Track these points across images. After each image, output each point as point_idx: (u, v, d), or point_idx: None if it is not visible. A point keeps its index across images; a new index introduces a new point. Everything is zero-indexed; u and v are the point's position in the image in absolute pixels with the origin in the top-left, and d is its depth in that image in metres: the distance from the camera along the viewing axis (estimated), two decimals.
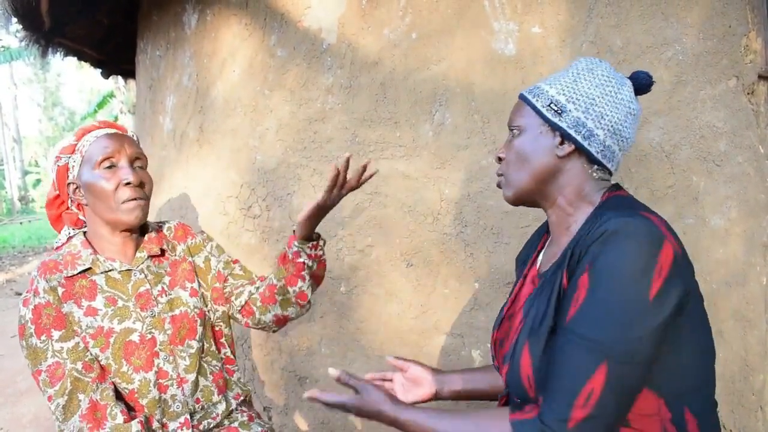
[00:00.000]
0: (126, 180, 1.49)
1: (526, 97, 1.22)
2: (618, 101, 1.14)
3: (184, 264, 1.68)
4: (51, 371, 1.42)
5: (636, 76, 1.20)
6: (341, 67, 2.22)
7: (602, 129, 1.14)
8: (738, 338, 1.97)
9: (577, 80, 1.16)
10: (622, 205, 1.10)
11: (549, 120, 1.16)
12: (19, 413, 3.92)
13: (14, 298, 7.67)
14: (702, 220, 1.94)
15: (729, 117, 1.94)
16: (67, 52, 4.31)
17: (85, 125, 1.57)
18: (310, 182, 2.31)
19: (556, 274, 1.12)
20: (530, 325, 1.12)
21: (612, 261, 0.97)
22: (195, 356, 1.61)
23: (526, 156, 1.20)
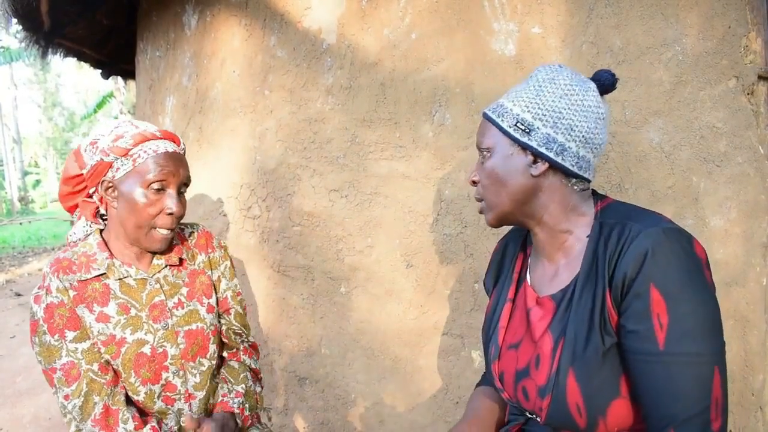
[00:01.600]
0: (170, 210, 1.45)
1: (490, 117, 1.18)
2: (585, 109, 1.11)
3: (202, 276, 1.65)
4: (66, 370, 1.41)
5: (599, 77, 1.16)
6: (341, 67, 2.22)
7: (574, 141, 1.11)
8: (738, 338, 1.97)
9: (540, 94, 1.12)
10: (629, 213, 1.11)
11: (518, 140, 1.13)
12: (19, 414, 3.93)
13: (14, 299, 7.67)
14: (702, 220, 1.94)
15: (729, 117, 1.93)
16: (66, 52, 4.32)
17: (145, 131, 1.45)
18: (309, 183, 2.31)
19: (585, 294, 1.10)
20: (572, 350, 1.08)
21: (676, 274, 0.98)
22: (206, 374, 1.60)
23: (500, 179, 1.17)
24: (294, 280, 2.41)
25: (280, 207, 2.39)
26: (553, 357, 1.12)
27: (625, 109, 1.93)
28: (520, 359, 1.22)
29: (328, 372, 2.40)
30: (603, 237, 1.09)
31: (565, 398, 1.08)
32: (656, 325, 0.99)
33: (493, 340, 1.31)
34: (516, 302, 1.31)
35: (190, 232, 1.68)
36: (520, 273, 1.34)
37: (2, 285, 8.80)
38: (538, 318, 1.21)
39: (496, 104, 1.19)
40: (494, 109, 1.18)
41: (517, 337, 1.26)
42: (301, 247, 2.36)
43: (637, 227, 1.03)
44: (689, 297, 0.98)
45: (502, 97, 1.20)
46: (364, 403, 2.35)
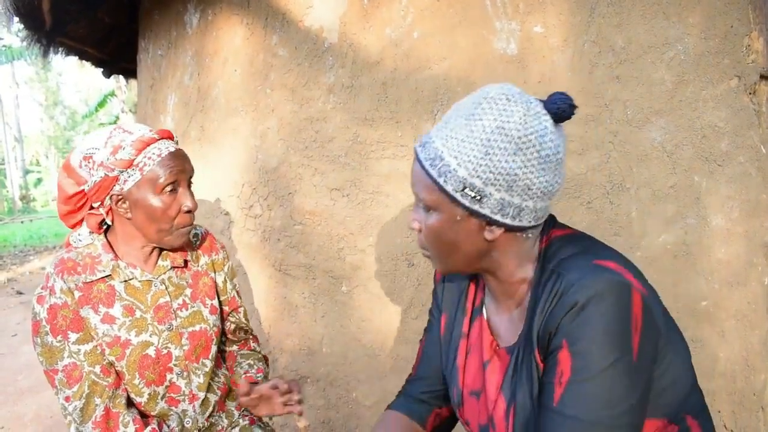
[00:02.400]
0: (187, 208, 1.45)
1: (428, 172, 0.98)
2: (543, 162, 0.95)
3: (206, 278, 1.65)
4: (68, 372, 1.40)
5: (555, 109, 0.96)
6: (343, 66, 2.22)
7: (532, 199, 0.96)
8: (739, 338, 1.97)
9: (489, 152, 0.93)
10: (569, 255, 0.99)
11: (467, 207, 0.96)
12: (20, 412, 3.93)
13: (15, 297, 7.67)
14: (704, 220, 1.94)
15: (731, 117, 1.93)
16: (68, 51, 4.32)
17: (143, 136, 1.43)
18: (311, 182, 2.31)
19: (526, 355, 1.02)
20: (523, 418, 1.01)
21: (591, 334, 0.89)
22: (208, 375, 1.61)
23: (449, 242, 1.02)
24: (295, 278, 2.41)
25: (281, 206, 2.39)
26: (507, 423, 1.06)
27: (626, 109, 1.93)
28: (481, 413, 1.15)
29: (329, 371, 2.40)
30: (540, 286, 1.00)
31: None
32: (557, 380, 0.92)
33: (454, 383, 1.22)
34: (471, 340, 1.20)
35: (194, 233, 1.68)
36: (474, 305, 1.22)
37: (4, 283, 8.80)
38: (494, 373, 1.12)
39: (432, 152, 0.98)
40: (432, 162, 0.97)
41: (477, 383, 1.17)
42: (303, 246, 2.36)
43: (569, 279, 0.93)
44: (597, 362, 0.88)
45: (437, 139, 0.98)
46: (366, 402, 2.35)
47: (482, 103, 0.95)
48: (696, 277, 1.95)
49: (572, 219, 1.98)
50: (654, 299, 0.98)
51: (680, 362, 1.01)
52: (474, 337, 1.20)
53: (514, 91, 0.97)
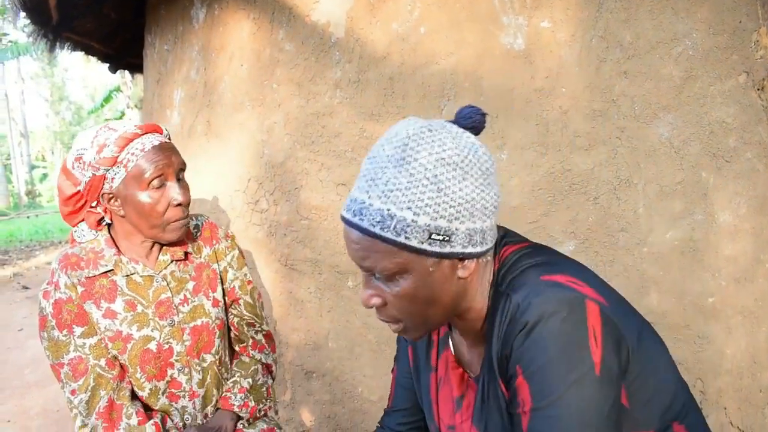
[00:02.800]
0: (176, 201, 1.43)
1: (384, 237, 0.87)
2: (487, 176, 0.90)
3: (208, 270, 1.64)
4: (73, 365, 1.41)
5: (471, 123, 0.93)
6: (349, 61, 2.21)
7: (489, 218, 0.91)
8: (746, 335, 1.96)
9: (442, 188, 0.85)
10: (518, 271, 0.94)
11: (436, 253, 0.88)
12: (26, 405, 3.96)
13: (21, 292, 7.71)
14: (711, 216, 1.93)
15: (739, 113, 1.93)
16: (74, 46, 4.33)
17: (125, 132, 1.41)
18: (317, 176, 2.31)
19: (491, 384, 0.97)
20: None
21: (545, 355, 0.84)
22: (207, 371, 1.60)
23: (425, 299, 0.93)
24: (301, 273, 2.42)
25: (287, 201, 2.39)
26: None
27: (634, 104, 1.92)
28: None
29: (335, 366, 2.41)
30: (494, 311, 0.95)
31: None
32: (521, 409, 0.87)
33: (430, 418, 1.18)
34: (439, 372, 1.15)
35: (195, 224, 1.67)
36: (439, 335, 1.17)
37: (10, 278, 8.84)
38: (465, 407, 1.08)
39: (377, 215, 0.87)
40: (382, 224, 0.87)
41: (450, 418, 1.13)
42: (309, 241, 2.36)
43: (516, 299, 0.89)
44: (556, 384, 0.83)
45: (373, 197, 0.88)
46: (371, 397, 2.35)
47: (408, 144, 0.87)
48: (703, 274, 1.94)
49: (579, 215, 1.98)
50: (617, 308, 0.93)
51: (660, 370, 0.97)
52: (441, 371, 1.15)
53: (423, 122, 0.91)
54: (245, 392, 1.63)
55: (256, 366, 1.71)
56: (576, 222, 1.99)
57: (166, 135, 1.51)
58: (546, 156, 1.99)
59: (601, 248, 1.98)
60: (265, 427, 1.67)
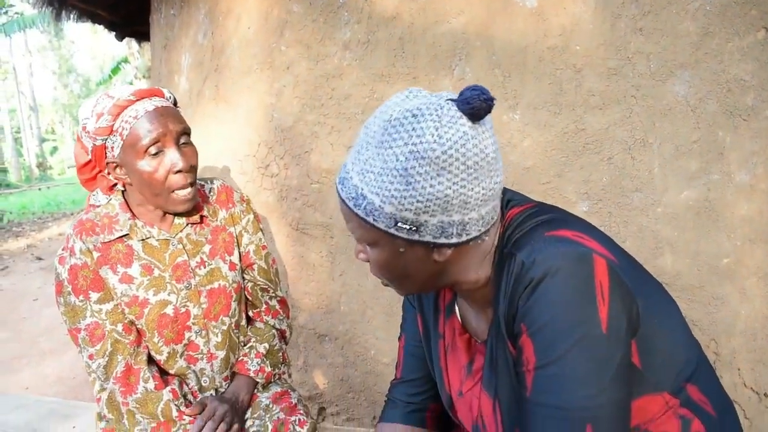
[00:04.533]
0: (176, 168, 1.39)
1: (355, 212, 0.89)
2: (473, 170, 0.84)
3: (224, 233, 1.62)
4: (90, 330, 1.42)
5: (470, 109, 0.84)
6: (358, 21, 2.18)
7: (473, 209, 0.86)
8: (760, 295, 1.95)
9: (411, 182, 0.83)
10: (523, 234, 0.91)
11: (405, 239, 0.88)
12: (43, 373, 4.02)
13: (35, 263, 7.80)
14: (727, 175, 1.90)
15: (757, 70, 1.88)
16: (80, 14, 4.29)
17: (119, 100, 1.37)
18: (327, 140, 2.29)
19: (499, 347, 0.96)
20: (509, 409, 0.96)
21: (549, 311, 0.82)
22: (226, 333, 1.60)
23: (399, 272, 0.95)
24: (313, 237, 2.41)
25: (298, 164, 2.38)
26: (496, 420, 1.00)
27: (650, 62, 1.88)
28: (472, 410, 1.10)
29: (347, 329, 2.42)
30: (500, 271, 0.93)
31: None
32: (525, 368, 0.85)
33: (440, 385, 1.17)
34: (446, 340, 1.15)
35: (210, 188, 1.65)
36: (446, 302, 1.16)
37: (24, 249, 8.94)
38: (475, 372, 1.07)
39: (353, 191, 0.88)
40: (356, 201, 0.88)
41: (460, 383, 1.12)
42: (320, 205, 2.36)
43: (520, 257, 0.87)
44: (561, 339, 0.81)
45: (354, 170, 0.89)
46: (384, 360, 2.36)
47: (388, 128, 0.85)
48: (718, 234, 1.92)
49: (593, 175, 1.96)
50: (626, 265, 0.91)
51: (672, 332, 0.95)
52: (449, 338, 1.14)
53: (420, 102, 0.86)
54: (261, 357, 1.63)
55: (272, 331, 1.71)
56: (590, 183, 1.97)
57: (167, 98, 1.47)
58: (559, 116, 1.96)
59: (615, 209, 1.96)
60: (279, 390, 1.67)
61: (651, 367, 0.90)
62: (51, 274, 6.78)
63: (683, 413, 0.93)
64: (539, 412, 0.84)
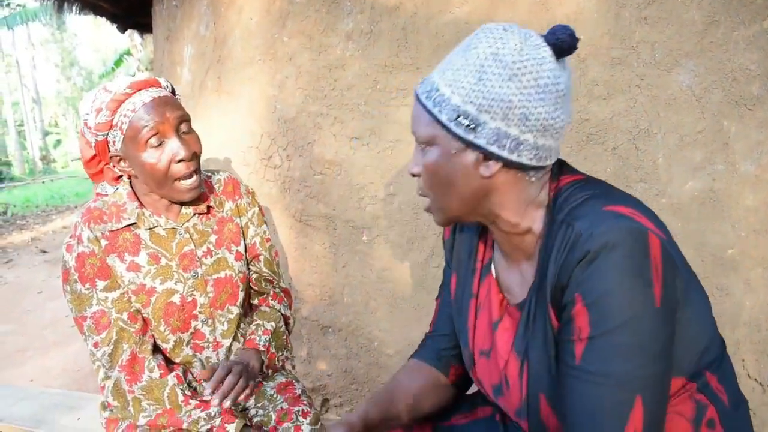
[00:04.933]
0: (179, 157, 1.39)
1: (424, 104, 0.96)
2: (541, 90, 0.90)
3: (230, 224, 1.63)
4: (96, 318, 1.42)
5: (555, 40, 0.91)
6: (361, 11, 2.16)
7: (530, 132, 0.91)
8: (765, 286, 1.94)
9: (483, 78, 0.89)
10: (579, 203, 0.94)
11: (461, 137, 0.92)
12: (47, 365, 4.04)
13: (39, 256, 7.82)
14: (732, 166, 1.89)
15: (763, 59, 1.87)
16: (82, 6, 4.28)
17: (116, 94, 1.37)
18: (330, 131, 2.28)
19: (539, 310, 0.98)
20: (537, 373, 0.98)
21: (607, 284, 0.84)
22: (234, 322, 1.61)
23: (444, 180, 0.98)
24: (316, 229, 2.41)
25: (300, 156, 2.37)
26: (521, 381, 1.02)
27: (654, 51, 1.87)
28: (493, 373, 1.12)
29: (351, 320, 2.42)
30: (551, 237, 0.95)
31: (543, 422, 1.00)
32: (576, 337, 0.87)
33: (464, 344, 1.20)
34: (480, 299, 1.17)
35: (216, 179, 1.66)
36: (483, 262, 1.18)
37: (28, 242, 8.97)
38: (503, 331, 1.09)
39: (429, 85, 0.96)
40: (428, 93, 0.96)
41: (487, 343, 1.14)
42: (323, 196, 2.35)
43: (579, 227, 0.88)
44: (617, 312, 0.84)
45: (435, 73, 0.97)
46: (387, 351, 2.37)
47: (479, 34, 0.93)
48: (723, 225, 1.91)
49: (597, 165, 1.95)
50: (674, 246, 0.93)
51: (700, 316, 0.96)
52: (483, 297, 1.16)
53: (515, 26, 0.93)
54: (269, 335, 1.63)
55: (278, 314, 1.72)
56: (594, 173, 1.94)
57: (165, 87, 1.47)
58: None
59: None
60: (284, 380, 1.68)
61: (679, 346, 0.92)
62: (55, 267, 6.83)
63: (699, 398, 0.95)
64: (588, 379, 0.86)
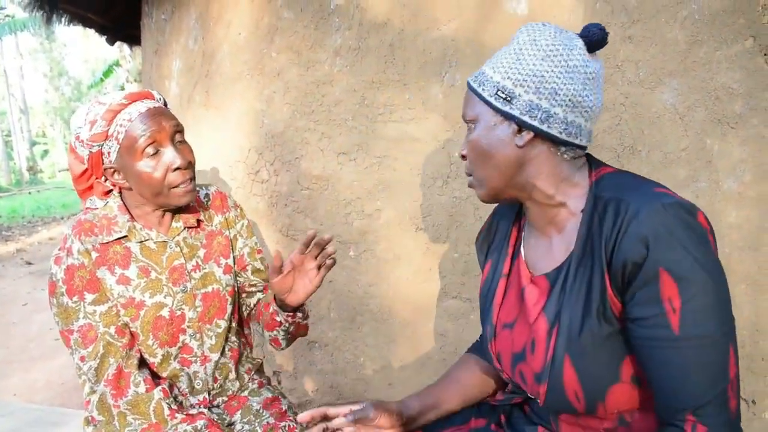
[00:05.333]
0: (175, 165, 1.39)
1: (472, 86, 1.11)
2: (570, 69, 1.03)
3: (219, 237, 1.63)
4: (83, 332, 1.41)
5: (586, 32, 1.06)
6: (349, 28, 2.18)
7: (560, 106, 1.03)
8: (749, 303, 1.95)
9: (520, 58, 1.04)
10: (625, 185, 1.04)
11: (499, 110, 1.06)
12: (31, 379, 3.99)
13: (25, 267, 7.74)
14: (715, 183, 1.91)
15: (745, 78, 1.89)
16: (71, 18, 4.27)
17: (111, 105, 1.38)
18: (318, 146, 2.29)
19: (580, 277, 1.05)
20: (567, 337, 1.04)
21: (684, 254, 0.92)
22: (222, 336, 1.60)
23: (485, 151, 1.10)
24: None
25: (288, 171, 2.37)
26: (548, 342, 1.08)
27: (639, 70, 1.89)
28: (516, 341, 1.18)
29: (337, 336, 2.41)
30: (597, 213, 1.03)
31: (563, 385, 1.05)
32: (668, 309, 0.94)
33: (488, 319, 1.27)
34: (510, 278, 1.26)
35: (205, 193, 1.66)
36: (515, 246, 1.28)
37: (13, 254, 8.88)
38: (533, 299, 1.16)
39: (478, 72, 1.11)
40: (476, 77, 1.11)
41: (512, 316, 1.21)
42: (310, 211, 2.35)
43: (635, 205, 0.97)
44: (699, 276, 0.92)
45: (485, 64, 1.12)
46: (373, 366, 2.36)
47: (521, 29, 1.09)
48: None
49: None
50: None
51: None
52: (513, 275, 1.25)
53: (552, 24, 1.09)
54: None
55: None
56: None
57: (158, 100, 1.48)
58: None
59: None
60: (270, 396, 1.68)
61: None
62: (41, 279, 6.76)
63: None
64: (691, 345, 0.93)
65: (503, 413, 1.34)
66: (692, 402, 0.94)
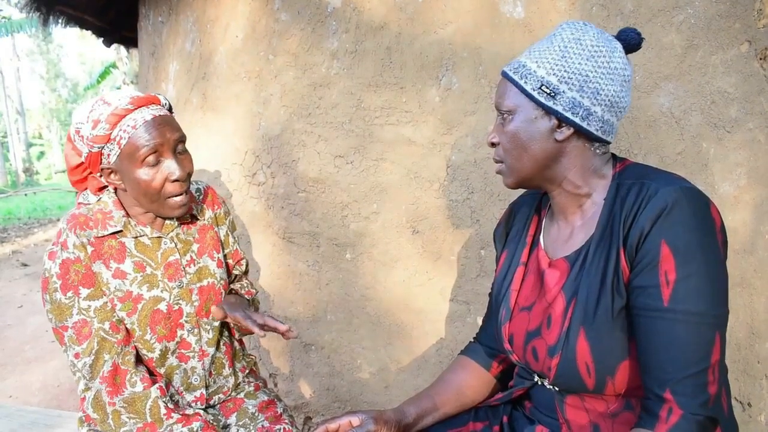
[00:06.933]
0: (173, 177, 1.39)
1: (511, 77, 1.14)
2: (612, 71, 1.08)
3: (211, 232, 1.65)
4: (77, 328, 1.40)
5: (625, 36, 1.13)
6: (346, 31, 2.18)
7: (600, 105, 1.09)
8: (744, 306, 1.96)
9: (566, 55, 1.08)
10: (647, 173, 1.10)
11: (542, 104, 1.10)
12: (27, 381, 3.98)
13: (20, 269, 7.71)
14: (711, 187, 1.92)
15: (741, 82, 1.90)
16: (68, 20, 4.26)
17: (116, 108, 1.36)
18: (314, 149, 2.29)
19: (599, 255, 1.10)
20: (583, 310, 1.09)
21: (688, 233, 0.98)
22: (217, 330, 1.61)
23: (523, 143, 1.14)
24: (299, 246, 2.41)
25: (285, 173, 2.37)
26: (565, 317, 1.12)
27: (635, 74, 1.90)
28: (532, 320, 1.22)
29: (333, 338, 2.41)
30: (620, 197, 1.09)
31: (575, 357, 1.09)
32: (663, 281, 0.99)
33: (505, 303, 1.30)
34: (529, 266, 1.30)
35: (196, 188, 1.67)
36: (534, 236, 1.33)
37: (9, 256, 8.85)
38: (552, 280, 1.20)
39: (517, 64, 1.14)
40: (516, 69, 1.14)
41: (530, 300, 1.25)
42: (307, 214, 2.35)
43: (655, 185, 1.02)
44: (699, 257, 0.97)
45: (522, 56, 1.15)
46: (370, 369, 2.36)
47: (562, 25, 1.12)
48: None
49: None
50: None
51: None
52: (532, 263, 1.30)
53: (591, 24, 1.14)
54: (252, 296, 1.72)
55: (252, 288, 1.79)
56: None
57: (164, 105, 1.46)
58: None
59: None
60: (266, 399, 1.68)
61: None
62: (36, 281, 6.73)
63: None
64: (677, 318, 0.98)
65: (505, 414, 1.35)
66: (671, 375, 0.98)
